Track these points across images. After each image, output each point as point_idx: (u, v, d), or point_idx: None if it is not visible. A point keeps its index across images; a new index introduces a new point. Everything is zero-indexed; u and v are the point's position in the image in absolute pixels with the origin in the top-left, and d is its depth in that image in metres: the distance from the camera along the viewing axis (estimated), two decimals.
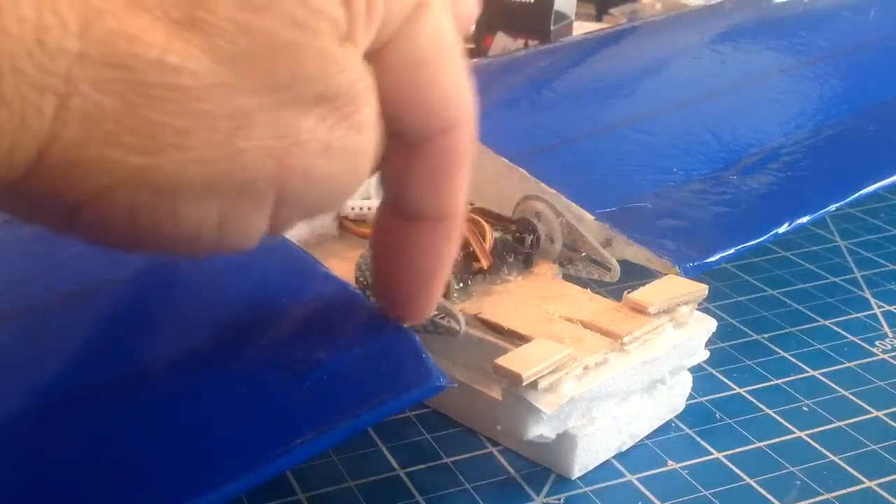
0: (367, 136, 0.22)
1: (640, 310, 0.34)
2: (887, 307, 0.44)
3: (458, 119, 0.24)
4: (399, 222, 0.26)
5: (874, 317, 0.44)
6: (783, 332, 0.42)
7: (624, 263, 0.38)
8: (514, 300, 0.35)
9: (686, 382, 0.36)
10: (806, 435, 0.36)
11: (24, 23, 0.17)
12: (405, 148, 0.24)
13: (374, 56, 0.22)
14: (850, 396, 0.38)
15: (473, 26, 0.74)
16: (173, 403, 0.28)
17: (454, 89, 0.23)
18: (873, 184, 0.45)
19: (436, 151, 0.24)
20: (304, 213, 0.23)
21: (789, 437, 0.36)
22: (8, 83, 0.17)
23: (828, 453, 0.35)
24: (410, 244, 0.26)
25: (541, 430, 0.31)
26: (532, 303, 0.35)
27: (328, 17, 0.20)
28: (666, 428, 0.36)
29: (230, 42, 0.19)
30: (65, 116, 0.18)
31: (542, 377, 0.30)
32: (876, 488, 0.33)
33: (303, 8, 0.20)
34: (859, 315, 0.44)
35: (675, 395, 0.36)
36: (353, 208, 0.39)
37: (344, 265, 0.35)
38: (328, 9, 0.20)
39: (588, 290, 0.36)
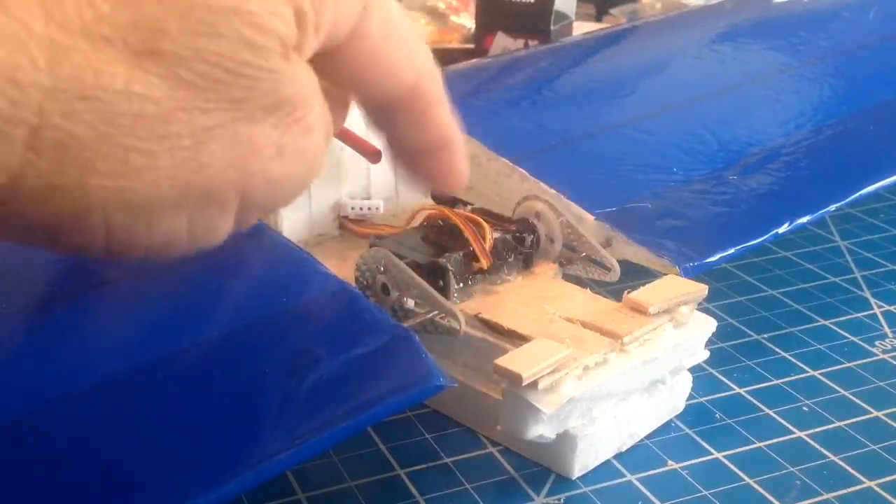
0: (316, 136, 0.24)
1: (640, 310, 0.34)
2: (887, 307, 0.45)
3: (421, 72, 0.26)
4: (405, 149, 0.28)
5: (874, 317, 0.44)
6: (783, 332, 0.42)
7: (624, 263, 0.38)
8: (514, 300, 0.35)
9: (686, 382, 0.36)
10: (806, 435, 0.36)
11: None
12: (387, 108, 0.26)
13: (333, 54, 0.24)
14: (850, 396, 0.38)
15: (473, 26, 0.74)
16: (173, 403, 0.28)
17: (409, 56, 0.26)
18: (873, 184, 0.45)
19: (414, 101, 0.26)
20: (265, 211, 0.25)
21: (789, 437, 0.36)
22: None
23: (828, 453, 0.35)
24: (421, 163, 0.28)
25: (541, 430, 0.31)
26: (532, 303, 0.35)
27: (278, 35, 0.21)
28: (666, 428, 0.36)
29: (188, 68, 0.20)
30: (38, 146, 0.19)
31: (542, 377, 0.30)
32: (876, 488, 0.33)
33: (253, 29, 0.21)
34: (859, 315, 0.44)
35: (675, 395, 0.36)
36: (352, 208, 0.40)
37: (344, 265, 0.35)
38: (278, 28, 0.21)
39: (588, 290, 0.36)
